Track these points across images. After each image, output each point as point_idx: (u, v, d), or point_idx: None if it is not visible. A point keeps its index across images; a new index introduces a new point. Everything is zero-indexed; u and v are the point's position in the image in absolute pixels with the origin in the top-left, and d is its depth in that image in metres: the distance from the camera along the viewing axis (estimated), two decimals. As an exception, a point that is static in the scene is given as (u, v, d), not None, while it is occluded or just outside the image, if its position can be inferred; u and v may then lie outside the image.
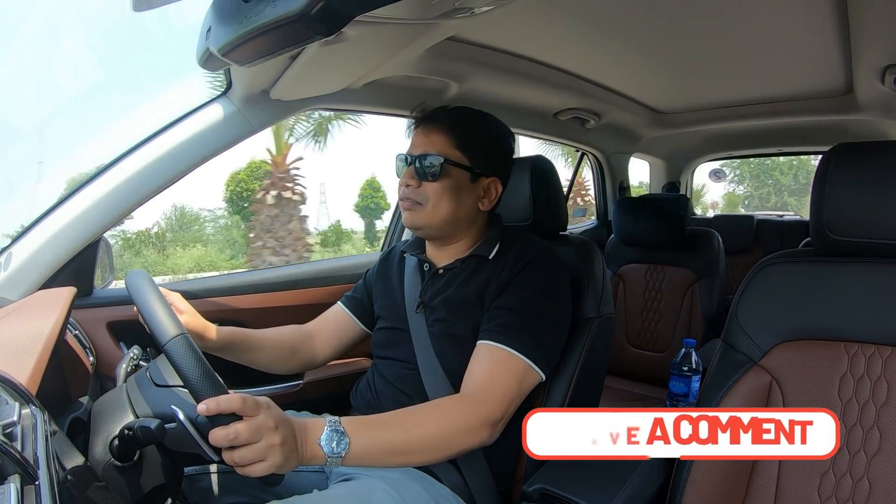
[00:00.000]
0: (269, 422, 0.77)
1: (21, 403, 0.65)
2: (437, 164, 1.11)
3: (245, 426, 0.75)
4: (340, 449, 0.83)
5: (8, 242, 1.27)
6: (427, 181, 1.13)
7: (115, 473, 0.85)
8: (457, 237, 1.19)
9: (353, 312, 1.33)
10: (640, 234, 2.43)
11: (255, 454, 0.75)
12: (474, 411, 0.97)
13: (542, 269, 1.11)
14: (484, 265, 1.15)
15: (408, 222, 1.17)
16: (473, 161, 1.14)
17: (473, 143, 1.15)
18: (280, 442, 0.77)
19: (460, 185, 1.14)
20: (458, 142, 1.13)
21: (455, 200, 1.13)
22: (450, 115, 1.17)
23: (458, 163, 1.13)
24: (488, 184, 1.17)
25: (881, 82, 1.72)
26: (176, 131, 1.34)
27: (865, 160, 0.96)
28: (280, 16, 0.72)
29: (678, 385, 1.76)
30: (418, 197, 1.14)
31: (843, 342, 0.95)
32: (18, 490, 0.48)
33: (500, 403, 0.99)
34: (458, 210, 1.14)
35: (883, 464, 0.89)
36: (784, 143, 3.28)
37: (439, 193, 1.13)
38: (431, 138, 1.14)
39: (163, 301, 0.86)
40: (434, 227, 1.16)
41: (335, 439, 0.84)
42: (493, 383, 1.00)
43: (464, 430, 0.95)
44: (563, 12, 1.39)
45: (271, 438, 0.76)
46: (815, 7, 1.35)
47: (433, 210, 1.13)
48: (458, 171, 1.13)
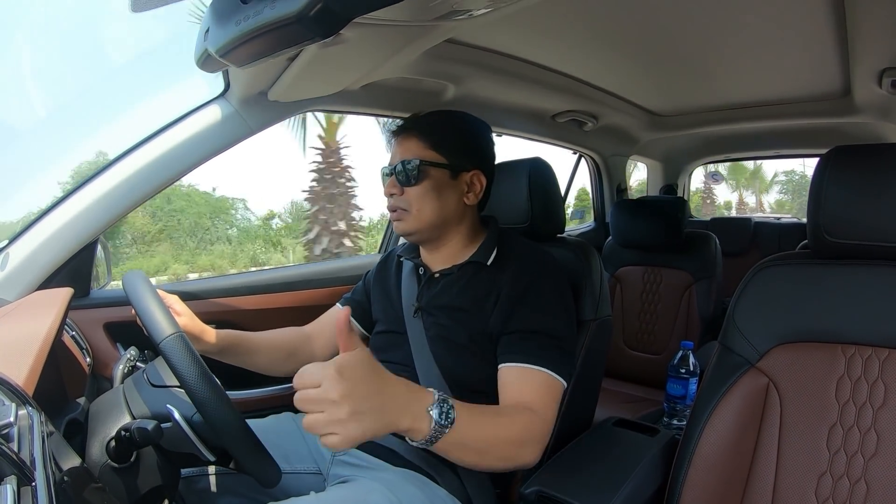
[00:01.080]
0: (332, 394, 0.67)
1: (17, 404, 0.65)
2: (414, 168, 1.12)
3: (302, 397, 0.69)
4: (448, 424, 0.77)
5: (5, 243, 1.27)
6: (409, 186, 1.14)
7: (111, 475, 0.84)
8: (449, 237, 1.19)
9: (353, 314, 1.33)
10: (638, 236, 2.43)
11: (323, 425, 0.68)
12: (537, 424, 0.96)
13: (549, 282, 1.10)
14: (481, 271, 1.14)
15: (399, 230, 1.18)
16: (450, 158, 1.15)
17: (446, 141, 1.15)
18: (347, 417, 0.67)
19: (441, 184, 1.14)
20: (431, 142, 1.15)
21: (438, 200, 1.14)
22: (420, 121, 1.19)
23: (434, 162, 1.14)
24: (470, 177, 1.18)
25: (878, 85, 1.72)
26: (173, 132, 1.34)
27: (862, 163, 0.96)
28: (278, 17, 0.72)
29: (675, 387, 1.76)
30: (403, 204, 1.14)
31: (840, 344, 0.95)
32: (15, 491, 0.48)
33: (551, 422, 0.99)
34: (443, 209, 1.15)
35: (880, 466, 0.89)
36: (781, 145, 3.29)
37: (421, 196, 1.13)
38: (405, 146, 1.16)
39: (159, 301, 0.86)
40: (423, 230, 1.16)
41: (444, 411, 0.77)
42: (548, 403, 1.00)
43: (527, 442, 0.93)
44: (561, 15, 1.40)
45: (334, 413, 0.67)
46: (812, 10, 1.35)
47: (418, 213, 1.14)
48: (436, 171, 1.14)
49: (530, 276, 1.10)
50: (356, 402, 0.68)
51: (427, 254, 1.23)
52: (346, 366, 0.69)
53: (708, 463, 0.98)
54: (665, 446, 1.11)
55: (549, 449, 1.18)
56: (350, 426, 0.67)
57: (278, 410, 1.31)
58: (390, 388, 0.74)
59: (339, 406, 0.67)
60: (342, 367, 0.68)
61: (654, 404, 2.09)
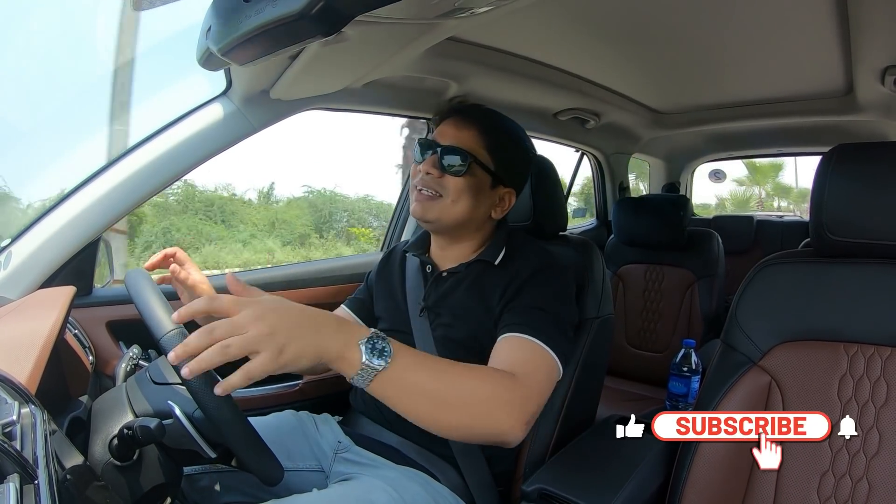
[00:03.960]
0: (262, 327, 0.66)
1: (20, 402, 0.65)
2: (465, 159, 1.08)
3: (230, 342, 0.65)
4: (382, 360, 0.72)
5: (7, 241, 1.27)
6: (449, 174, 1.09)
7: (114, 473, 0.85)
8: (463, 239, 1.17)
9: (358, 314, 1.32)
10: (640, 234, 2.43)
11: (245, 344, 0.65)
12: (517, 389, 0.86)
13: (555, 274, 1.09)
14: (489, 270, 1.13)
15: (418, 213, 1.11)
16: (498, 167, 1.11)
17: (502, 149, 1.12)
18: (269, 331, 0.66)
19: (481, 187, 1.11)
20: (489, 143, 1.10)
21: (473, 200, 1.10)
22: (484, 115, 1.14)
23: (484, 164, 1.10)
24: (504, 194, 1.15)
25: (881, 83, 1.72)
26: (176, 130, 1.34)
27: (865, 161, 0.96)
28: (280, 15, 0.72)
29: (677, 385, 1.76)
30: (438, 187, 1.09)
31: (842, 343, 0.95)
32: (18, 489, 0.48)
33: (538, 396, 0.90)
34: (474, 212, 1.11)
35: (882, 465, 0.89)
36: (784, 143, 3.28)
37: (460, 190, 1.09)
38: (463, 133, 1.10)
39: (161, 298, 0.86)
40: (447, 222, 1.11)
41: (378, 348, 0.73)
42: (534, 372, 0.92)
43: (501, 403, 0.83)
44: (564, 13, 1.39)
45: (257, 327, 0.66)
46: (815, 8, 1.35)
47: (452, 205, 1.09)
48: (482, 173, 1.10)
49: (541, 264, 1.09)
50: (278, 318, 0.68)
51: (438, 250, 1.20)
52: (264, 302, 0.69)
53: (710, 461, 0.98)
54: (667, 445, 1.11)
55: (552, 447, 1.19)
56: (268, 341, 0.66)
57: (280, 408, 1.31)
58: (318, 315, 0.73)
59: (261, 321, 0.66)
60: (259, 303, 0.69)
61: (657, 402, 2.09)
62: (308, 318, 0.71)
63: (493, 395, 0.83)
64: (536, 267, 1.08)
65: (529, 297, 1.04)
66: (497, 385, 0.85)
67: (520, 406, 0.84)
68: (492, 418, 0.82)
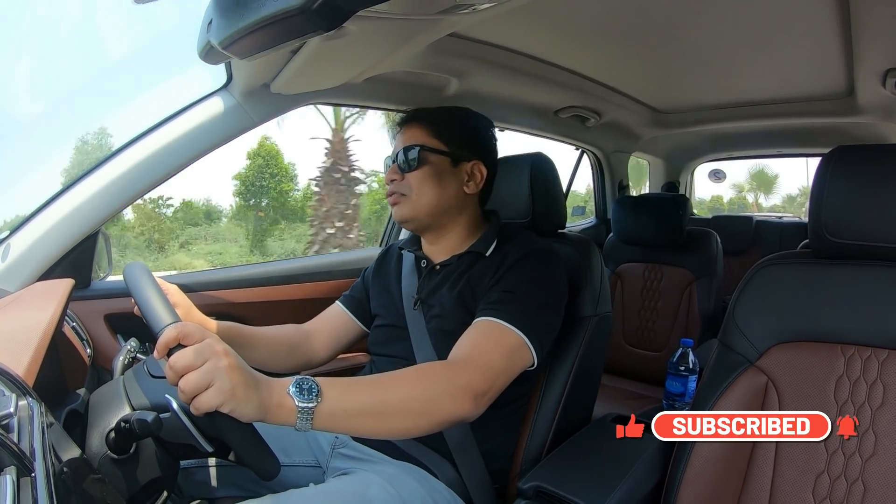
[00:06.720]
0: (217, 346, 0.72)
1: (17, 395, 0.65)
2: (415, 154, 1.14)
3: (187, 350, 0.70)
4: (311, 397, 0.76)
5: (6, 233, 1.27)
6: (409, 172, 1.15)
7: (111, 466, 0.85)
8: (448, 227, 1.20)
9: (353, 312, 1.32)
10: (639, 233, 2.43)
11: (201, 378, 0.69)
12: (456, 376, 0.91)
13: (538, 261, 1.10)
14: (480, 261, 1.15)
15: (397, 216, 1.19)
16: (451, 146, 1.16)
17: (448, 130, 1.17)
18: (227, 366, 0.70)
19: (441, 170, 1.15)
20: (434, 130, 1.17)
21: (437, 186, 1.15)
22: (423, 111, 1.21)
23: (434, 149, 1.15)
24: (471, 167, 1.18)
25: (882, 85, 1.72)
26: (176, 124, 1.34)
27: (865, 163, 0.96)
28: (281, 9, 0.72)
29: (675, 384, 1.77)
30: (402, 189, 1.16)
31: (839, 344, 0.95)
32: (14, 482, 0.48)
33: (485, 374, 0.93)
34: (442, 196, 1.16)
35: (878, 467, 0.89)
36: (784, 144, 3.29)
37: (421, 181, 1.15)
38: (408, 134, 1.18)
39: (159, 291, 0.86)
40: (421, 215, 1.17)
41: (305, 388, 0.76)
42: (480, 353, 0.96)
43: (445, 394, 0.88)
44: (565, 11, 1.39)
45: (217, 361, 0.70)
46: (817, 9, 1.35)
47: (417, 198, 1.15)
48: (436, 158, 1.15)
49: (525, 253, 1.11)
50: (235, 360, 0.72)
51: (428, 245, 1.24)
52: (224, 345, 0.73)
53: (706, 460, 0.98)
54: (664, 443, 1.11)
55: (548, 444, 1.19)
56: (223, 377, 0.70)
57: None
58: (246, 369, 0.75)
59: (223, 357, 0.71)
60: (220, 343, 0.73)
61: (654, 401, 2.10)
62: (249, 373, 0.74)
63: (434, 389, 0.88)
64: (522, 254, 1.10)
65: (506, 282, 1.07)
66: (434, 378, 0.90)
67: (463, 388, 0.89)
68: (438, 409, 0.87)
